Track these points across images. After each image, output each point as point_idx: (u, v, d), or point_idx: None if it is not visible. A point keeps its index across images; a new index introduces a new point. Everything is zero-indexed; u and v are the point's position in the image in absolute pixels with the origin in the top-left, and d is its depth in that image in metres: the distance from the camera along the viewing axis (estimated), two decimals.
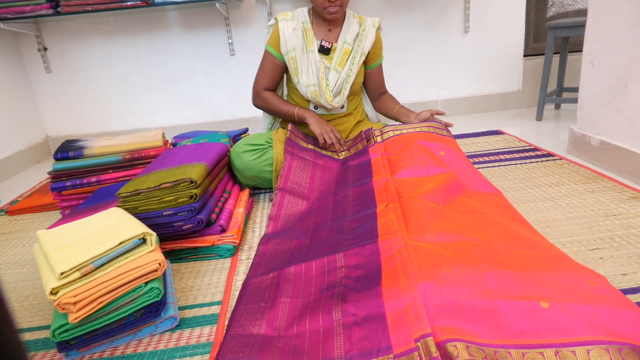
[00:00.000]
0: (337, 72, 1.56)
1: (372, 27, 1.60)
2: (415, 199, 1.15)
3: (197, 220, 1.19)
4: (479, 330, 0.75)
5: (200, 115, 2.72)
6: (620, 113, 1.55)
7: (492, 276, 0.84)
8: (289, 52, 1.55)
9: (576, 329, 0.71)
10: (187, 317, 0.98)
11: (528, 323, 0.74)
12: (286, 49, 1.55)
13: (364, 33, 1.59)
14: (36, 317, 1.04)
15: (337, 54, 1.57)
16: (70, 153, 1.57)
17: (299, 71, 1.56)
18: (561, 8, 2.74)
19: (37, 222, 1.64)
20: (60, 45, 2.53)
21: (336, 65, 1.56)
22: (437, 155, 1.36)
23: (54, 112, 2.66)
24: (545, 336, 0.72)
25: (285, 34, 1.55)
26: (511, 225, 1.06)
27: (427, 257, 0.90)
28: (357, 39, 1.59)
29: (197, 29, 2.55)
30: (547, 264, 0.88)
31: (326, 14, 1.50)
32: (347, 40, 1.57)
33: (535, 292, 0.79)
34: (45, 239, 0.95)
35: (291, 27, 1.56)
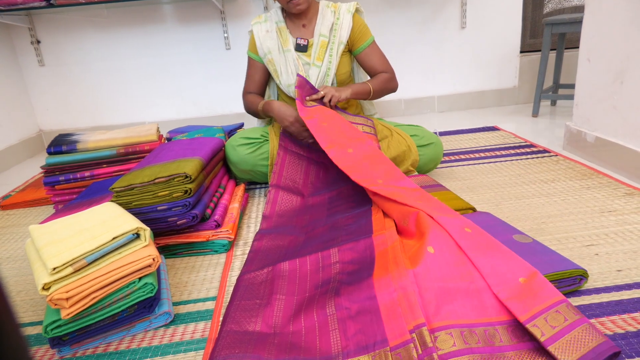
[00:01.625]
0: (317, 66, 1.54)
1: (347, 13, 1.55)
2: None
3: (191, 216, 1.18)
4: (467, 312, 0.77)
5: (195, 110, 2.70)
6: (616, 110, 1.55)
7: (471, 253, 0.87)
8: (266, 54, 1.57)
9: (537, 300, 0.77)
10: (182, 312, 0.97)
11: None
12: (263, 51, 1.57)
13: (338, 22, 1.55)
14: (28, 312, 1.03)
15: (314, 49, 1.55)
16: (63, 147, 1.56)
17: (279, 72, 1.56)
18: (558, 4, 2.74)
19: (29, 216, 1.62)
20: (54, 38, 2.50)
21: (314, 60, 1.54)
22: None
23: (47, 106, 2.63)
24: (531, 307, 0.76)
25: (259, 37, 1.57)
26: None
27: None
28: (332, 30, 1.55)
29: (193, 23, 2.53)
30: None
31: (291, 7, 1.48)
32: (322, 32, 1.54)
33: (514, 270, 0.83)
34: (38, 234, 0.94)
35: (264, 30, 1.57)
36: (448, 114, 2.70)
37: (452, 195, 1.30)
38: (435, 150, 1.56)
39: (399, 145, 1.53)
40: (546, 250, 0.98)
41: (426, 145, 1.56)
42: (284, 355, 0.77)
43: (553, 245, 1.10)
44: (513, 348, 0.73)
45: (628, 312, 0.85)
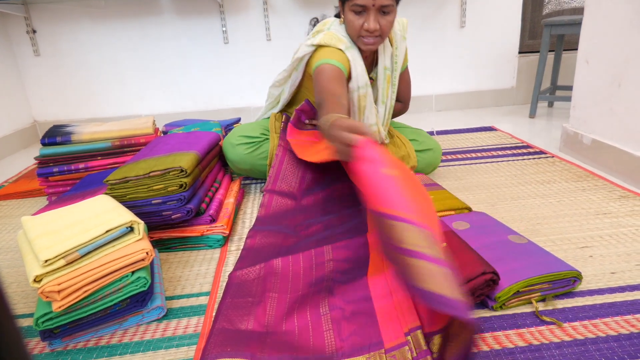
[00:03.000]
0: (384, 103, 1.44)
1: (402, 40, 1.43)
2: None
3: (186, 210, 1.18)
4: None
5: (192, 104, 2.68)
6: (613, 112, 1.56)
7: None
8: (360, 88, 1.33)
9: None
10: (175, 307, 0.97)
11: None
12: (357, 84, 1.32)
13: (396, 52, 1.42)
14: (19, 304, 1.02)
15: (380, 84, 1.41)
16: (57, 138, 1.54)
17: (366, 110, 1.38)
18: (557, 6, 2.74)
19: (22, 208, 1.61)
20: (50, 28, 2.48)
21: (383, 97, 1.43)
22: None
23: (42, 97, 2.61)
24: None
25: (357, 67, 1.31)
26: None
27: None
28: (392, 60, 1.42)
29: (191, 16, 2.51)
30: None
31: (361, 43, 1.30)
32: (386, 65, 1.40)
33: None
34: (30, 226, 0.93)
35: (359, 57, 1.33)
36: (445, 113, 2.70)
37: (447, 195, 1.30)
38: (433, 156, 1.56)
39: (397, 150, 1.52)
40: (541, 252, 0.98)
41: (425, 151, 1.55)
42: (277, 354, 0.76)
43: (548, 247, 1.10)
44: None
45: (621, 314, 0.86)
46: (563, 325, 0.83)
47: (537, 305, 0.88)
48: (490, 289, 0.88)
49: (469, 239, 1.03)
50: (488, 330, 0.83)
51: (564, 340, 0.80)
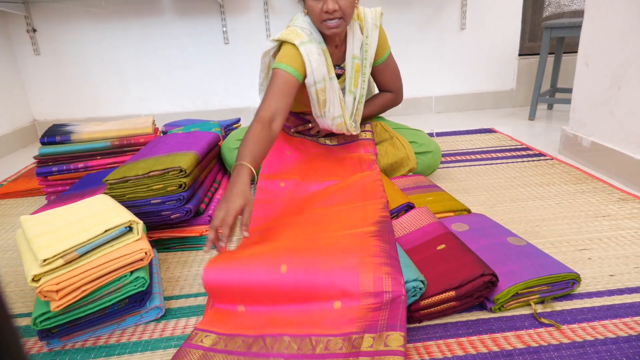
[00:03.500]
0: (353, 93, 1.42)
1: (374, 28, 1.40)
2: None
3: (185, 210, 1.17)
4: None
5: (191, 104, 2.68)
6: (613, 115, 1.56)
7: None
8: (317, 82, 1.33)
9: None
10: (173, 307, 0.97)
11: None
12: (314, 79, 1.32)
13: (367, 40, 1.40)
14: (17, 304, 1.02)
15: (348, 74, 1.40)
16: (57, 138, 1.54)
17: (327, 103, 1.37)
18: (557, 8, 2.74)
19: (21, 207, 1.60)
20: (50, 27, 2.48)
21: (351, 87, 1.40)
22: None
23: (42, 96, 2.61)
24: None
25: (312, 62, 1.30)
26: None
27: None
28: (362, 49, 1.40)
29: (191, 16, 2.51)
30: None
31: (324, 28, 1.29)
32: (355, 54, 1.39)
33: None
34: (29, 225, 0.93)
35: (316, 53, 1.31)
36: (445, 114, 2.70)
37: (447, 196, 1.30)
38: (433, 158, 1.55)
39: (397, 152, 1.52)
40: (540, 254, 0.98)
41: (424, 153, 1.54)
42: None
43: (547, 249, 1.10)
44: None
45: (619, 317, 0.86)
46: (562, 327, 0.83)
47: (535, 308, 0.88)
48: (489, 291, 0.88)
49: (468, 240, 1.03)
50: (486, 332, 0.83)
51: (562, 342, 0.80)
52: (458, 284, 0.85)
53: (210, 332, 0.84)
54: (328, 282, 0.84)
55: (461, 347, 0.80)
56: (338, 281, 0.84)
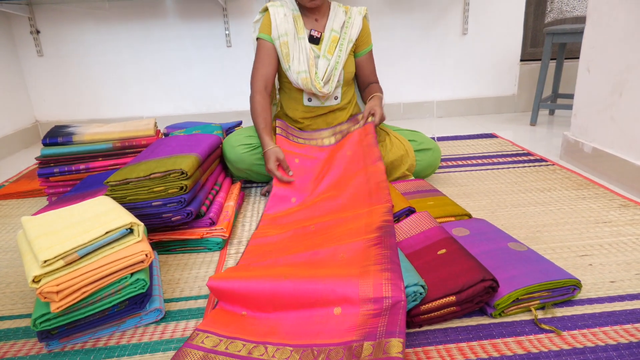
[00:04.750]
0: (327, 59, 1.55)
1: (358, 14, 1.60)
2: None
3: (186, 212, 1.18)
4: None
5: (193, 106, 2.69)
6: (614, 121, 1.56)
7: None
8: (281, 36, 1.53)
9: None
10: (173, 310, 0.97)
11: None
12: (277, 33, 1.53)
13: (350, 21, 1.58)
14: (17, 305, 1.02)
15: (325, 42, 1.56)
16: (59, 139, 1.54)
17: (290, 57, 1.54)
18: (559, 14, 2.75)
19: (22, 208, 1.61)
20: (54, 28, 2.49)
21: (325, 52, 1.55)
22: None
23: (45, 97, 2.62)
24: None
25: (276, 19, 1.53)
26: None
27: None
28: (343, 27, 1.58)
29: (194, 19, 2.52)
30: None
31: (305, 1, 1.50)
32: (334, 28, 1.57)
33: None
34: (30, 226, 0.93)
35: (282, 13, 1.54)
36: (447, 119, 2.70)
37: (448, 201, 1.30)
38: (433, 156, 1.56)
39: (396, 149, 1.54)
40: (540, 259, 0.98)
41: (424, 151, 1.56)
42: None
43: (547, 254, 1.10)
44: None
45: (620, 323, 0.85)
46: (562, 333, 0.83)
47: (536, 313, 0.87)
48: (489, 296, 0.87)
49: (469, 245, 1.03)
50: (487, 337, 0.83)
51: (563, 348, 0.80)
52: (458, 289, 0.85)
53: (211, 333, 0.84)
54: (328, 288, 0.85)
55: (461, 353, 0.80)
56: (338, 287, 0.84)
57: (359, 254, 0.95)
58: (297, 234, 1.19)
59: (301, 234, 1.19)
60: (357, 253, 0.95)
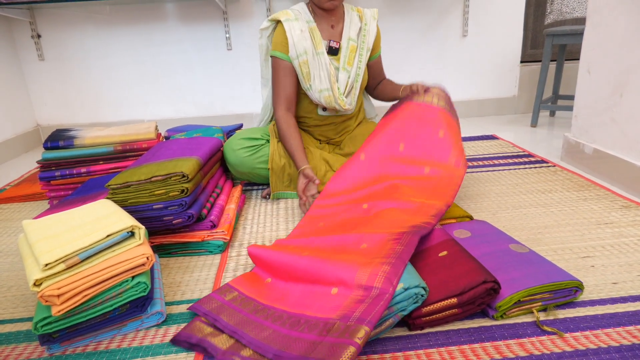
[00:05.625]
0: (347, 71, 1.51)
1: (372, 20, 1.56)
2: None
3: (187, 215, 1.18)
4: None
5: (194, 109, 2.69)
6: (615, 122, 1.56)
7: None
8: (300, 55, 1.46)
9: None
10: (174, 313, 0.96)
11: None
12: (296, 52, 1.46)
13: (366, 27, 1.54)
14: (19, 308, 1.02)
15: (344, 53, 1.51)
16: (60, 142, 1.55)
17: (312, 76, 1.48)
18: (559, 16, 2.75)
19: (24, 211, 1.61)
20: (55, 33, 2.50)
21: (345, 64, 1.51)
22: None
23: (46, 101, 2.62)
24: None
25: (293, 36, 1.46)
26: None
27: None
28: (360, 34, 1.54)
29: (195, 22, 2.53)
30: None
31: (324, 1, 1.45)
32: (351, 36, 1.52)
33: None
34: (31, 229, 0.93)
35: (298, 29, 1.46)
36: None
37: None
38: None
39: None
40: (542, 261, 0.98)
41: None
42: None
43: (549, 256, 1.10)
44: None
45: (622, 325, 0.85)
46: (564, 335, 0.83)
47: (538, 315, 0.87)
48: (491, 298, 0.87)
49: (470, 247, 1.03)
50: (489, 339, 0.83)
51: (565, 350, 0.79)
52: (460, 291, 0.85)
53: (235, 289, 0.99)
54: (332, 270, 0.93)
55: (463, 355, 0.80)
56: (340, 271, 0.92)
57: (377, 246, 0.99)
58: (349, 210, 1.25)
59: (351, 213, 1.24)
60: (376, 245, 1.00)
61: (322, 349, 0.74)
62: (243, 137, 1.55)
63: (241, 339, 0.83)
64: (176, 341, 0.86)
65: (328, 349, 0.74)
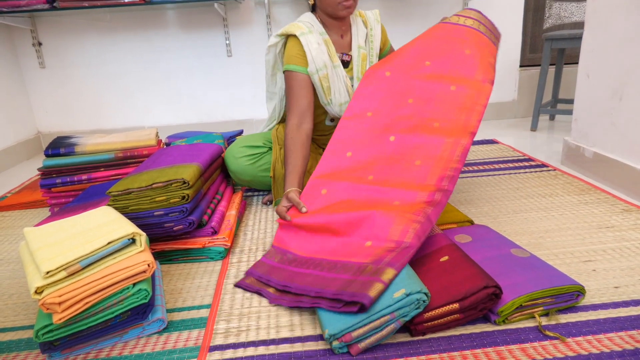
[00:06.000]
0: (359, 80, 1.49)
1: (376, 23, 1.55)
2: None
3: (188, 222, 1.18)
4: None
5: (194, 116, 2.70)
6: (615, 126, 1.56)
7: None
8: (319, 70, 1.41)
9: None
10: (175, 320, 0.96)
11: None
12: (315, 67, 1.41)
13: (372, 32, 1.53)
14: (20, 316, 1.02)
15: (355, 62, 1.50)
16: (61, 150, 1.55)
17: (332, 90, 1.45)
18: (558, 20, 2.76)
19: (25, 219, 1.61)
20: (56, 40, 2.51)
21: (358, 74, 1.49)
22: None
23: (47, 108, 2.63)
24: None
25: (311, 51, 1.40)
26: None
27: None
28: (367, 41, 1.53)
29: (195, 29, 2.54)
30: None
31: (340, 9, 1.39)
32: (360, 44, 1.50)
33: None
34: (32, 237, 0.93)
35: (315, 42, 1.41)
36: None
37: (449, 208, 1.30)
38: None
39: None
40: (544, 265, 0.97)
41: None
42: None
43: (550, 260, 1.10)
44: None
45: (625, 329, 0.85)
46: (567, 340, 0.83)
47: (540, 320, 0.87)
48: (492, 303, 0.87)
49: (471, 252, 1.03)
50: (491, 345, 0.83)
51: (567, 355, 0.79)
52: (461, 296, 0.85)
53: (280, 251, 1.14)
54: (368, 227, 1.05)
55: None
56: (375, 228, 1.04)
57: (408, 205, 1.09)
58: (376, 141, 1.28)
59: (378, 147, 1.27)
60: (408, 204, 1.10)
61: (355, 285, 0.89)
62: (245, 144, 1.54)
63: (290, 289, 0.98)
64: (238, 286, 1.07)
65: (360, 285, 0.88)
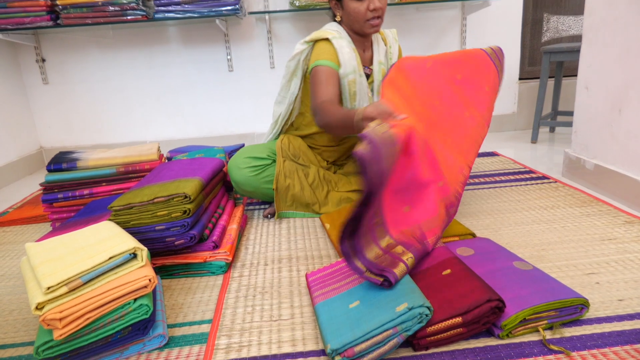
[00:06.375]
0: (380, 94, 1.50)
1: (394, 42, 1.59)
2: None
3: (189, 236, 1.18)
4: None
5: (196, 130, 2.71)
6: (615, 138, 1.56)
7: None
8: (349, 74, 1.43)
9: None
10: (176, 335, 0.96)
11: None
12: (346, 70, 1.43)
13: (390, 50, 1.57)
14: (20, 332, 1.01)
15: (376, 77, 1.53)
16: (63, 165, 1.56)
17: (357, 96, 1.47)
18: (556, 33, 2.79)
19: (26, 234, 1.61)
20: (59, 57, 2.54)
21: (379, 89, 1.51)
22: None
23: (49, 124, 2.65)
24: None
25: (344, 54, 1.42)
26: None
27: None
28: (386, 57, 1.56)
29: (196, 45, 2.57)
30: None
31: (368, 27, 1.42)
32: (381, 60, 1.54)
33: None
34: (33, 252, 0.93)
35: (346, 47, 1.44)
36: None
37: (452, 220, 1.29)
38: None
39: None
40: (547, 278, 0.97)
41: None
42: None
43: (553, 273, 1.09)
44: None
45: (630, 343, 0.84)
46: (571, 354, 0.82)
47: (544, 334, 0.86)
48: (496, 317, 0.86)
49: (474, 265, 1.03)
50: (494, 359, 0.82)
51: None
52: (464, 310, 0.84)
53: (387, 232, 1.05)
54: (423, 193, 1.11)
55: None
56: (424, 200, 1.10)
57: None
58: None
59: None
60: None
61: (385, 260, 0.97)
62: (249, 155, 1.54)
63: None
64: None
65: (390, 261, 0.97)
